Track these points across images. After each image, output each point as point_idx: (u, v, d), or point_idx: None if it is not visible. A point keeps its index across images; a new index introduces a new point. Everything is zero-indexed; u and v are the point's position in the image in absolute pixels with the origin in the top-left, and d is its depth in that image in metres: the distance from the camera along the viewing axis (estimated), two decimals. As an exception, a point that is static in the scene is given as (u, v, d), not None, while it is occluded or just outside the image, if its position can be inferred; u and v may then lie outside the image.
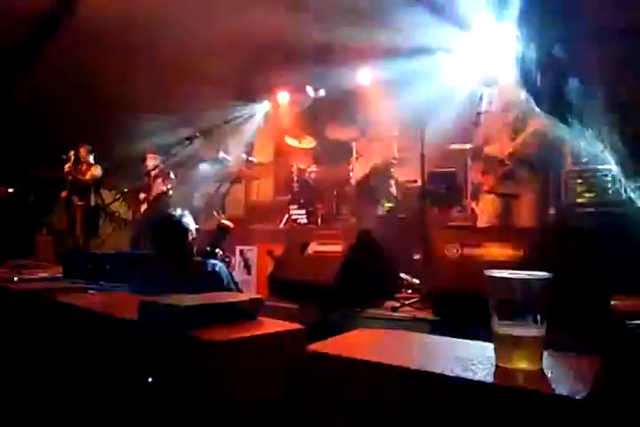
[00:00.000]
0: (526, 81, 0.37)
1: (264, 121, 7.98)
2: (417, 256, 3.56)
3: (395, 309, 2.55)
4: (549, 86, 0.34)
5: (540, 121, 3.33)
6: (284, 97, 7.48)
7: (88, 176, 6.07)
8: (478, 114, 4.20)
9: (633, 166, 0.35)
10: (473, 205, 4.40)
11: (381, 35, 5.40)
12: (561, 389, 0.56)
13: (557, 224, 4.24)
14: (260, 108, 8.05)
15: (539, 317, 0.60)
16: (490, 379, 0.59)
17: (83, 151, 6.14)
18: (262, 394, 0.86)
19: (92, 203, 6.06)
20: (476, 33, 4.56)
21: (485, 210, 3.65)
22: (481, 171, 3.68)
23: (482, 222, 3.66)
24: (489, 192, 3.60)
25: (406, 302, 2.66)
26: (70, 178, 6.09)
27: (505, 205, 3.56)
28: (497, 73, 3.73)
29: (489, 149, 3.65)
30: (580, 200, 4.16)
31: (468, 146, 4.07)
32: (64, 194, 6.15)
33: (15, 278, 2.12)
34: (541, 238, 2.31)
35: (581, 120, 0.36)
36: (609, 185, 4.04)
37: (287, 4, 5.64)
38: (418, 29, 4.97)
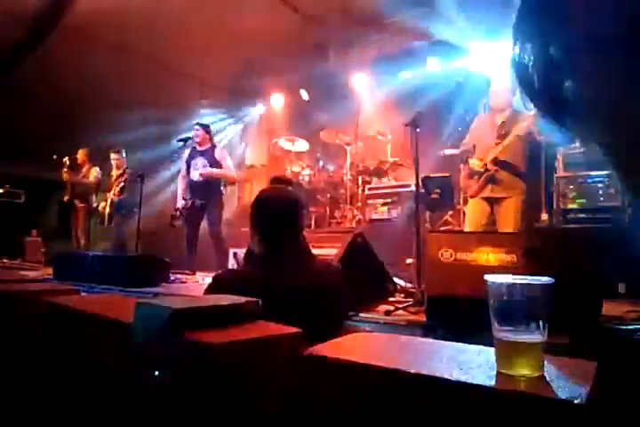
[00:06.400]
0: (523, 81, 0.37)
1: (258, 124, 7.97)
2: (410, 260, 3.58)
3: (388, 312, 2.56)
4: (546, 86, 0.35)
5: (525, 126, 3.37)
6: (277, 100, 7.48)
7: (92, 179, 6.03)
8: (471, 118, 4.24)
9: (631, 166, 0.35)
10: (465, 209, 4.43)
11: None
12: (561, 393, 0.56)
13: (549, 229, 4.27)
14: (254, 111, 8.05)
15: (540, 322, 0.60)
16: (490, 383, 0.59)
17: (82, 155, 6.11)
18: (259, 397, 0.85)
19: (94, 204, 6.01)
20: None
21: (470, 214, 3.68)
22: (466, 175, 3.71)
23: (467, 226, 3.69)
24: (472, 196, 3.63)
25: (400, 306, 2.67)
26: (71, 182, 6.04)
27: (489, 209, 3.59)
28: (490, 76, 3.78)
29: (474, 153, 3.70)
30: (571, 206, 4.20)
31: (458, 150, 4.10)
32: (66, 198, 6.09)
33: (5, 279, 2.09)
34: (534, 243, 2.33)
35: (578, 120, 0.36)
36: (600, 191, 4.08)
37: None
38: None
